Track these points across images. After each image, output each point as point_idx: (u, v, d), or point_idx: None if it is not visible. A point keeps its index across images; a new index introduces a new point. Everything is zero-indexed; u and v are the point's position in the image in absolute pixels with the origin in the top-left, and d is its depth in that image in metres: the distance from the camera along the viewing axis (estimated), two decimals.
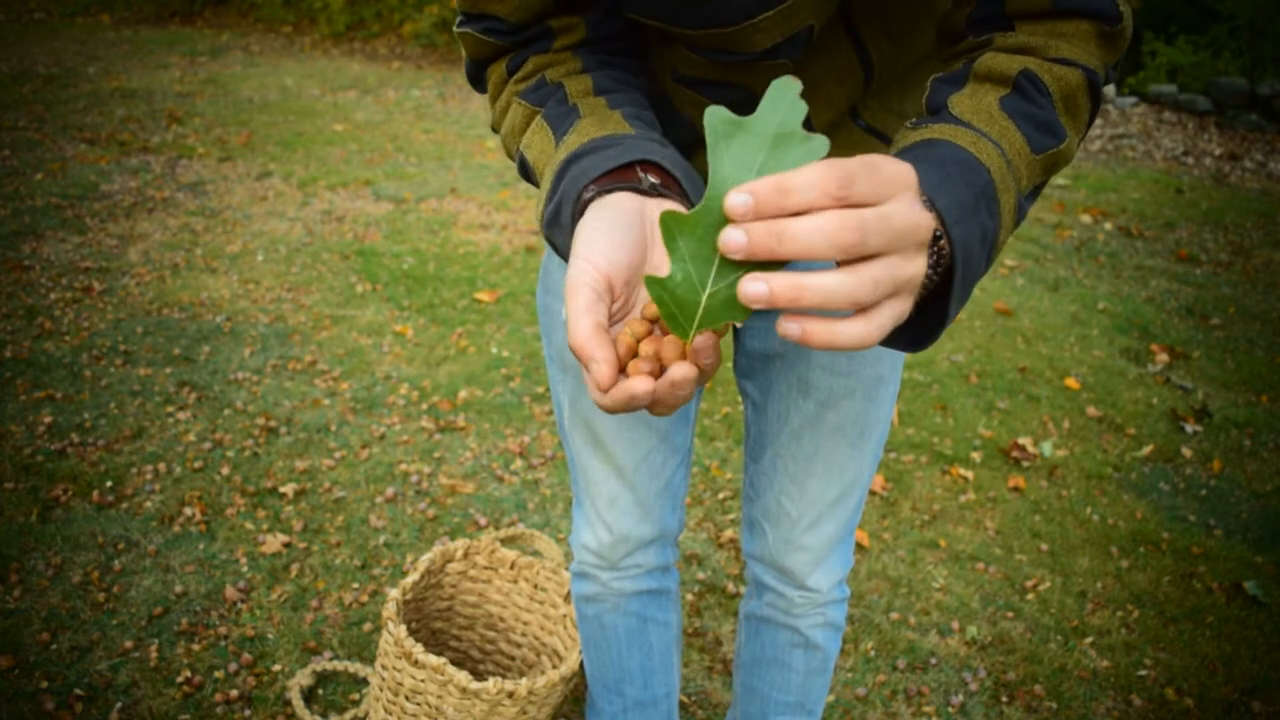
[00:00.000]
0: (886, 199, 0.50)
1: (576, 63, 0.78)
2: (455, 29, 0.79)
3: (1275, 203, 5.18)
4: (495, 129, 0.83)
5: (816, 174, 0.47)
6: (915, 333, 0.60)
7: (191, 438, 2.39)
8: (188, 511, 2.12)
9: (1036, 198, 0.69)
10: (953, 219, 0.55)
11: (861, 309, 0.51)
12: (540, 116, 0.75)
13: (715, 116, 0.50)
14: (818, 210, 0.48)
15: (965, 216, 0.56)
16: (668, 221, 0.52)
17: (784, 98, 0.50)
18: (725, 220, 0.50)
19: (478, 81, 0.83)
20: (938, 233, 0.55)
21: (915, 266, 0.52)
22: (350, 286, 3.34)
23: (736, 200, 0.48)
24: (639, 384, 0.53)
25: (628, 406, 0.54)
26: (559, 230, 0.67)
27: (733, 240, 0.48)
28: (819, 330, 0.50)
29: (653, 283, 0.53)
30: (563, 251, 0.67)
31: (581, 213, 0.64)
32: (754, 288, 0.48)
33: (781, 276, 0.48)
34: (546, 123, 0.74)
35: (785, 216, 0.48)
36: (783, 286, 0.48)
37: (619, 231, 0.60)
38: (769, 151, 0.50)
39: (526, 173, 0.77)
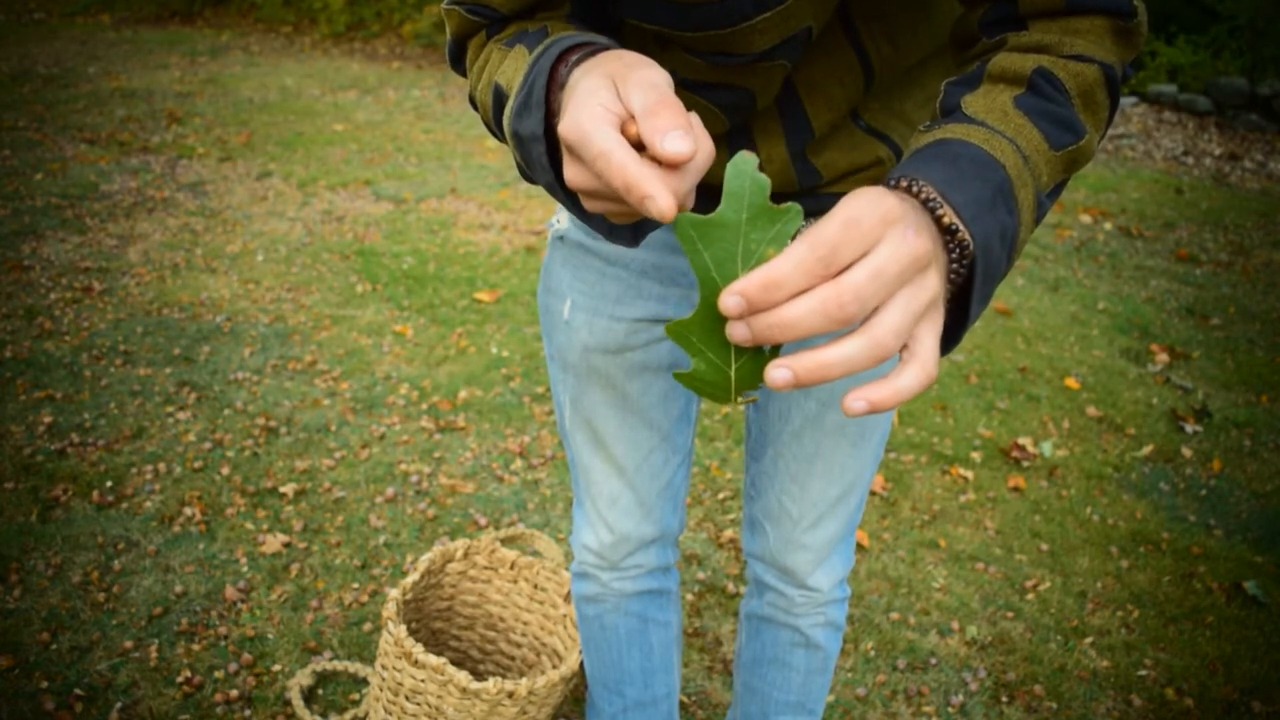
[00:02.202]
0: (875, 245, 0.49)
1: (560, 20, 0.77)
2: (443, 7, 0.79)
3: (1275, 203, 5.18)
4: (472, 95, 0.80)
5: (800, 257, 0.47)
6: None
7: (191, 438, 2.39)
8: (188, 511, 2.12)
9: (1059, 196, 0.68)
10: (969, 215, 0.54)
11: (903, 349, 0.51)
12: (519, 45, 0.73)
13: (684, 222, 0.51)
14: (810, 290, 0.48)
15: (982, 213, 0.56)
16: (675, 330, 0.53)
17: (744, 179, 0.50)
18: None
19: (459, 59, 0.82)
20: (954, 226, 0.54)
21: (928, 290, 0.52)
22: (350, 286, 3.34)
23: (730, 302, 0.48)
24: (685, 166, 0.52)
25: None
26: (529, 112, 0.64)
27: (739, 334, 0.50)
28: (885, 396, 0.50)
29: (682, 377, 0.55)
30: (528, 141, 0.65)
31: (560, 86, 0.63)
32: (779, 375, 0.49)
33: (803, 359, 0.49)
34: (524, 46, 0.72)
35: (782, 303, 0.48)
36: (806, 369, 0.49)
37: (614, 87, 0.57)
38: (745, 236, 0.51)
39: (499, 102, 0.72)
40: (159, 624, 1.81)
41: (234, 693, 1.67)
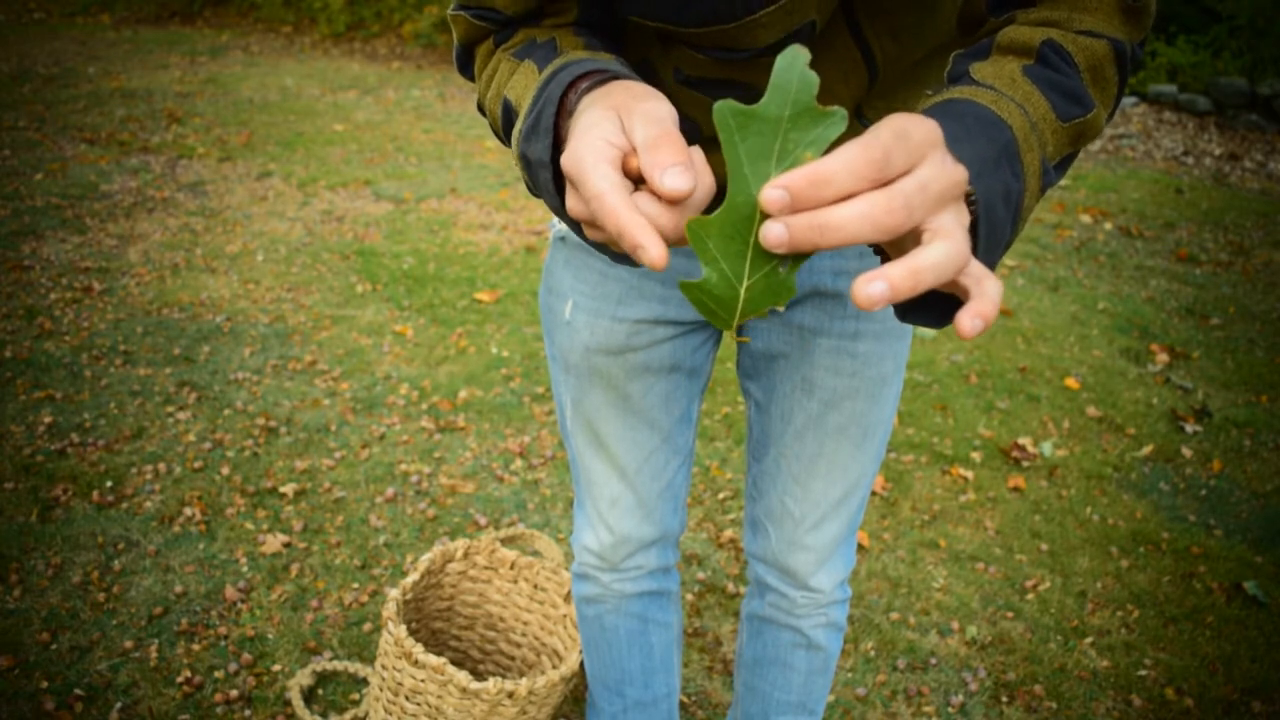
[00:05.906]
0: (919, 163, 0.48)
1: (568, 30, 0.77)
2: (449, 12, 0.79)
3: (1275, 203, 5.18)
4: (480, 103, 0.80)
5: (852, 159, 0.46)
6: (940, 307, 0.60)
7: (191, 438, 2.39)
8: (188, 511, 2.12)
9: (1066, 170, 0.68)
10: (974, 172, 0.54)
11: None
12: (528, 60, 0.73)
13: (724, 110, 0.49)
14: (856, 195, 0.47)
15: (986, 171, 0.55)
16: (694, 227, 0.51)
17: (792, 72, 0.48)
18: (753, 215, 0.49)
19: (466, 65, 0.82)
20: None
21: (967, 216, 0.52)
22: (350, 286, 3.34)
23: (773, 196, 0.46)
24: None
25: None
26: (537, 137, 0.64)
27: (774, 235, 0.47)
28: (986, 309, 0.49)
29: (688, 287, 0.52)
30: (535, 165, 0.65)
31: (569, 113, 0.63)
32: (877, 289, 0.46)
33: (897, 268, 0.47)
34: (534, 62, 0.71)
35: (824, 205, 0.47)
36: (901, 276, 0.47)
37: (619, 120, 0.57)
38: (784, 135, 0.48)
39: (509, 118, 0.72)
40: (159, 624, 1.81)
41: (234, 693, 1.67)
